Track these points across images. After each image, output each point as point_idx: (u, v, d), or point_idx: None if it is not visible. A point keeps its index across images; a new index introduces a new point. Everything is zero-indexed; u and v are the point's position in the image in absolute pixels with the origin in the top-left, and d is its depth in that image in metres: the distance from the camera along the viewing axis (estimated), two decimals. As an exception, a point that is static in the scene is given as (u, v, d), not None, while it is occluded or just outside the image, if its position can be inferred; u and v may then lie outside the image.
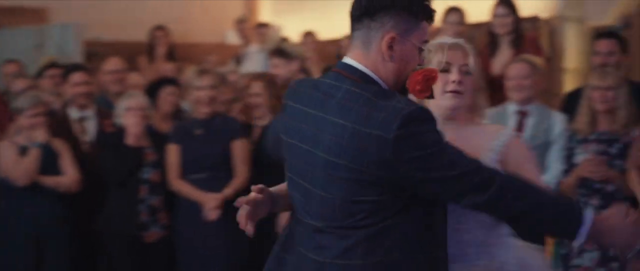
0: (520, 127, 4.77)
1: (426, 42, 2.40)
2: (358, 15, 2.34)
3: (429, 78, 2.34)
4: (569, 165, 4.63)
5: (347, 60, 2.37)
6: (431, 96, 2.37)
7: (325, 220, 2.33)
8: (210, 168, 5.24)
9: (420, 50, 2.38)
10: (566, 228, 2.32)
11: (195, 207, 5.15)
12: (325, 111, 2.30)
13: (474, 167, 2.26)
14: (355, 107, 2.24)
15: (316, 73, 6.93)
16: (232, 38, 9.59)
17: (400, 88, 2.36)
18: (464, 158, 2.25)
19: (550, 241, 6.14)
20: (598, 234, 2.31)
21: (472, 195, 2.24)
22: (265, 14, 10.18)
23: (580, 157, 4.59)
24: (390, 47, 2.31)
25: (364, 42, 2.34)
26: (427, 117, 2.23)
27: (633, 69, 6.38)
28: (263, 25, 8.78)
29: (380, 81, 2.33)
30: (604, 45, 5.06)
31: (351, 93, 2.28)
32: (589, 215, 2.31)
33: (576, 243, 2.39)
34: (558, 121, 4.84)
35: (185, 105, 5.93)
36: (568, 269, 4.57)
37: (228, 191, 5.14)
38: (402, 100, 2.24)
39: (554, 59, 6.68)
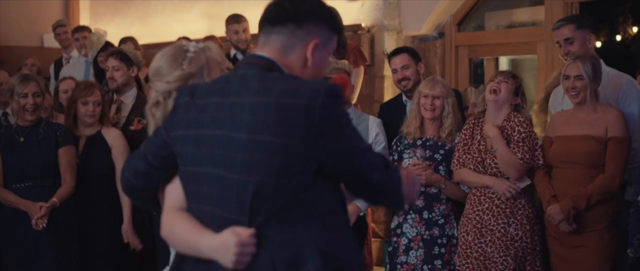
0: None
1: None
2: (281, 20, 2.42)
3: (347, 85, 2.47)
4: (395, 167, 4.81)
5: (262, 54, 2.44)
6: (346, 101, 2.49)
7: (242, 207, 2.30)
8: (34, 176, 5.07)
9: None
10: (399, 198, 2.52)
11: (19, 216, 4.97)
12: (243, 95, 2.33)
13: (370, 145, 2.44)
14: (276, 85, 2.31)
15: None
16: (51, 41, 9.24)
17: None
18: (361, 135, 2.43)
19: (376, 239, 6.40)
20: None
21: (375, 171, 2.38)
22: (83, 18, 9.88)
23: (407, 161, 4.78)
24: (312, 53, 2.43)
25: (284, 46, 2.44)
26: (340, 93, 2.35)
27: (448, 77, 6.78)
28: (82, 29, 8.40)
29: None
30: (398, 61, 5.32)
31: (269, 76, 2.36)
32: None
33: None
34: (374, 125, 5.02)
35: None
36: (395, 267, 4.78)
37: (54, 199, 5.00)
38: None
39: (373, 67, 6.96)
